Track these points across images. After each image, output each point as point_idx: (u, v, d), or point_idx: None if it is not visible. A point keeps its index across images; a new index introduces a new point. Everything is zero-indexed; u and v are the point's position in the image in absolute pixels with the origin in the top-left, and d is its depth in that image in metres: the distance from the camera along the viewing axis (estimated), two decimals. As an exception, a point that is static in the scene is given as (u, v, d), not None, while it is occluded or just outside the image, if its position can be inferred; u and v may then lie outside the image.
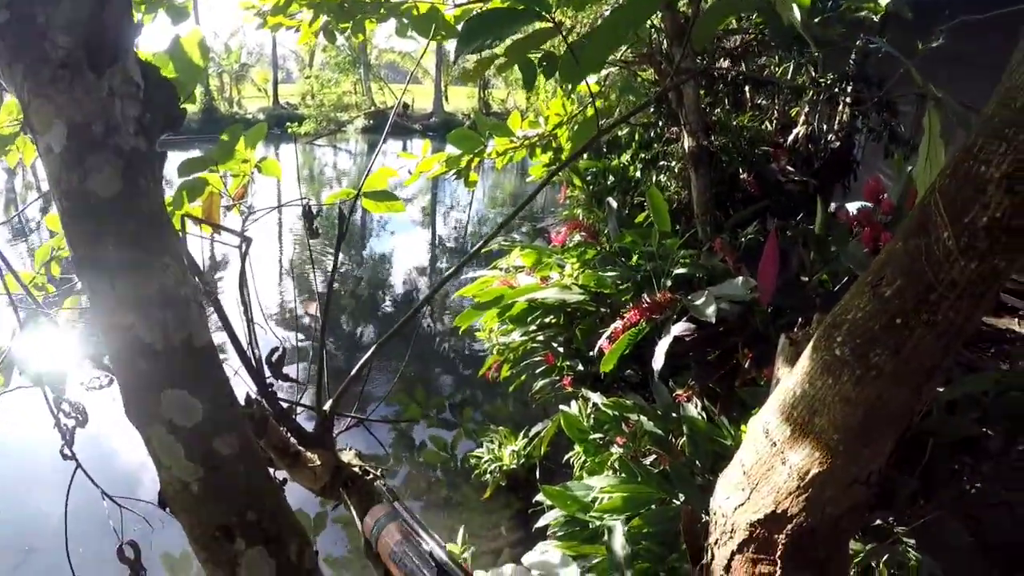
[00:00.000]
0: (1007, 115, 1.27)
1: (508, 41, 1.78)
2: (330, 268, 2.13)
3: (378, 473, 1.88)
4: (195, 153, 2.04)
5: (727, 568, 1.82)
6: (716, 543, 1.86)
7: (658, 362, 3.80)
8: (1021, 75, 1.27)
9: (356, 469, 1.84)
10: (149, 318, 0.90)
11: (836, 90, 6.63)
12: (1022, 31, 1.30)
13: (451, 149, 3.79)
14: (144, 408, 0.93)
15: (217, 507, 0.97)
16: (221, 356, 1.55)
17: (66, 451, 1.50)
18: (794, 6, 1.22)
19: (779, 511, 1.65)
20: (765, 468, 1.67)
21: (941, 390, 3.44)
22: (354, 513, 1.83)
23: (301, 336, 7.77)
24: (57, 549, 1.64)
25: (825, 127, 7.25)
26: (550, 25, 1.58)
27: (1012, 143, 1.26)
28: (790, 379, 1.63)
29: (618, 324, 4.14)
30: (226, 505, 0.97)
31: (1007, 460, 3.52)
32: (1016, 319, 5.77)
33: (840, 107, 7.07)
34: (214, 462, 0.95)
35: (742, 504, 1.74)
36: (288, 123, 29.42)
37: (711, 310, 3.76)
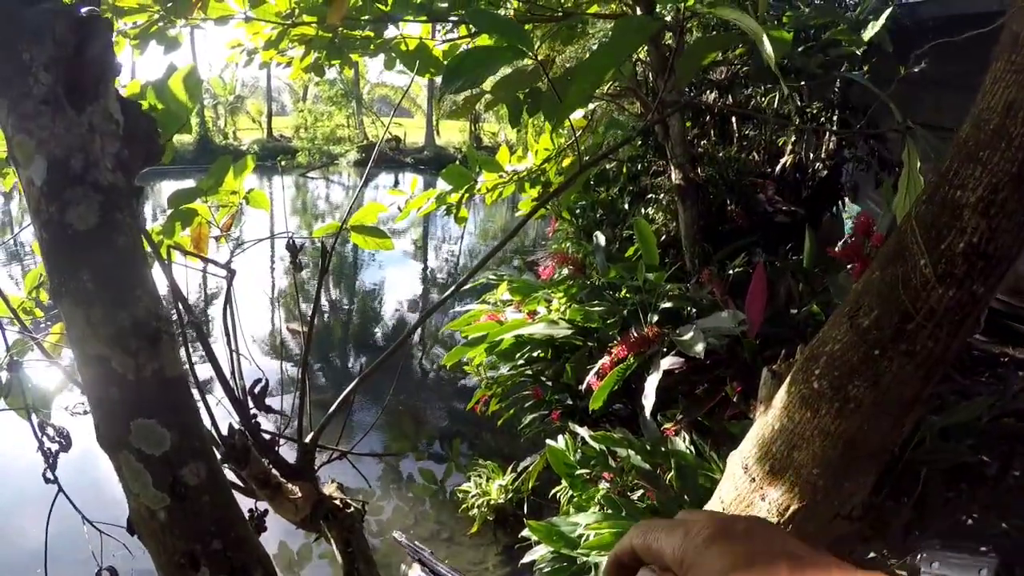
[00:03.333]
0: (981, 138, 1.28)
1: (493, 79, 1.80)
2: (320, 298, 2.13)
3: (359, 506, 1.88)
4: (189, 183, 2.06)
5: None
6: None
7: (649, 399, 3.79)
8: (994, 97, 1.27)
9: (337, 502, 1.83)
10: (121, 349, 0.91)
11: (822, 119, 6.69)
12: (993, 53, 1.31)
13: (442, 185, 3.80)
14: (115, 436, 0.94)
15: (183, 535, 0.97)
16: (207, 387, 1.55)
17: (48, 475, 1.49)
18: (766, 42, 1.23)
19: (760, 548, 1.63)
20: (744, 504, 1.66)
21: (935, 417, 3.42)
22: (334, 546, 1.82)
23: (288, 367, 7.74)
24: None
25: (812, 156, 7.30)
26: (534, 63, 1.60)
27: (987, 166, 1.26)
28: (769, 413, 1.63)
29: (606, 360, 4.14)
30: (192, 533, 0.98)
31: (1004, 487, 3.48)
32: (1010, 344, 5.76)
33: (826, 136, 7.13)
34: (181, 491, 0.95)
35: (721, 541, 1.73)
36: (280, 156, 29.59)
37: (700, 347, 3.74)
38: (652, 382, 3.83)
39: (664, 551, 0.53)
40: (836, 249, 4.12)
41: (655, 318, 4.42)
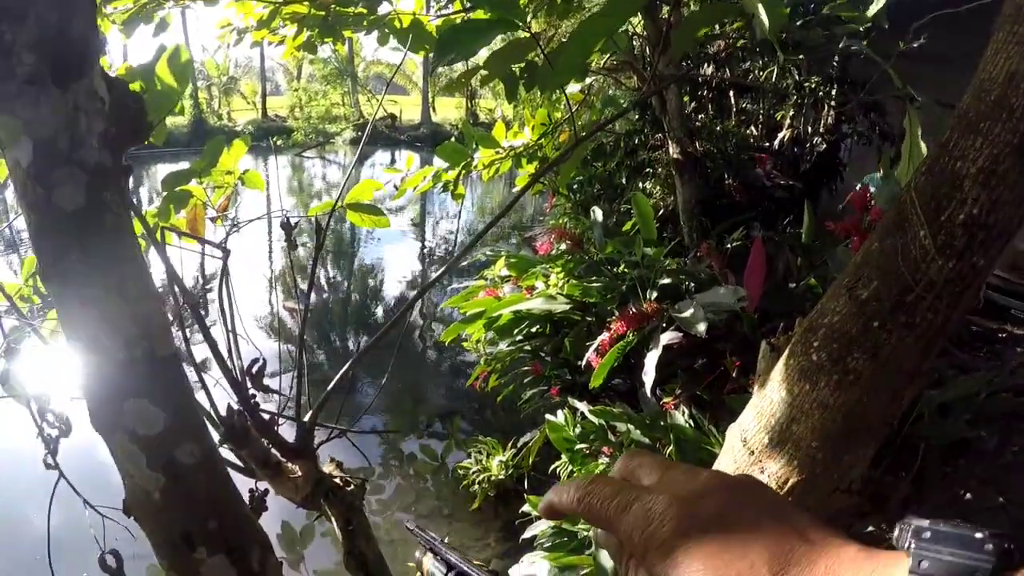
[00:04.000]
0: (982, 109, 1.26)
1: (485, 52, 1.78)
2: (319, 276, 2.12)
3: (359, 483, 1.88)
4: (184, 166, 2.04)
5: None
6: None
7: (649, 376, 3.78)
8: (995, 68, 1.25)
9: (337, 480, 1.83)
10: (111, 329, 0.90)
11: (820, 93, 6.66)
12: (995, 24, 1.29)
13: (439, 162, 3.78)
14: (107, 417, 0.94)
15: (178, 515, 0.98)
16: (204, 368, 1.55)
17: (49, 460, 1.49)
18: (762, 11, 1.21)
19: (758, 521, 1.62)
20: (744, 477, 1.65)
21: (934, 392, 3.43)
22: (335, 524, 1.83)
23: (288, 346, 7.76)
24: (41, 558, 1.64)
25: (810, 130, 7.28)
26: (527, 35, 1.58)
27: (988, 137, 1.25)
28: (768, 386, 1.62)
29: (605, 336, 4.13)
30: (187, 513, 0.98)
31: (1001, 462, 3.50)
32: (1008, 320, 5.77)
33: (825, 110, 7.10)
34: (175, 471, 0.95)
35: (720, 515, 1.72)
36: (275, 136, 29.47)
37: (702, 327, 3.73)
38: (652, 358, 3.83)
39: (618, 529, 0.49)
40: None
41: (654, 294, 4.41)
